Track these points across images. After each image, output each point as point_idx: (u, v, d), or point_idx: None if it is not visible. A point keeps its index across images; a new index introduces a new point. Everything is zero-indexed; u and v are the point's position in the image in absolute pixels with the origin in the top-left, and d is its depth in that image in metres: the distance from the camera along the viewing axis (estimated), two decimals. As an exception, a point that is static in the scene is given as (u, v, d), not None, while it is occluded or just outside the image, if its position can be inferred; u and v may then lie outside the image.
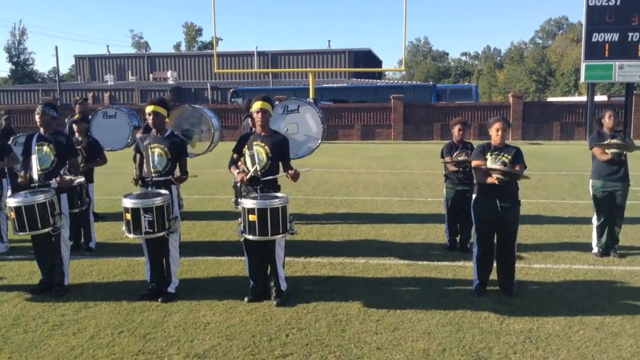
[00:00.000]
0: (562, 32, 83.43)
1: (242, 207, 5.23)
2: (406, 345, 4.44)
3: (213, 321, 4.95)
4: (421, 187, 12.72)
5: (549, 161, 18.47)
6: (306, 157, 9.17)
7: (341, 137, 31.30)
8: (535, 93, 73.84)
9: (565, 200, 10.86)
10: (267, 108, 5.51)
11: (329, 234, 8.27)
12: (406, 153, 22.30)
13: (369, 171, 16.09)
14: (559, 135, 30.13)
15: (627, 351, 4.31)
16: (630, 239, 7.66)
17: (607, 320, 4.90)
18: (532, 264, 6.61)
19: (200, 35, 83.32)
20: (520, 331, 4.69)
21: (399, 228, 8.59)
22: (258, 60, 48.48)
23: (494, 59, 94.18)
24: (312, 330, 4.72)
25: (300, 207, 10.34)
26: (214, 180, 13.83)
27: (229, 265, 6.63)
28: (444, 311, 5.14)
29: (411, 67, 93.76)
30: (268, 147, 5.46)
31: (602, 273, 6.29)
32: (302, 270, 6.47)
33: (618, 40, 25.96)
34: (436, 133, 30.59)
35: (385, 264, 6.72)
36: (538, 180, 13.61)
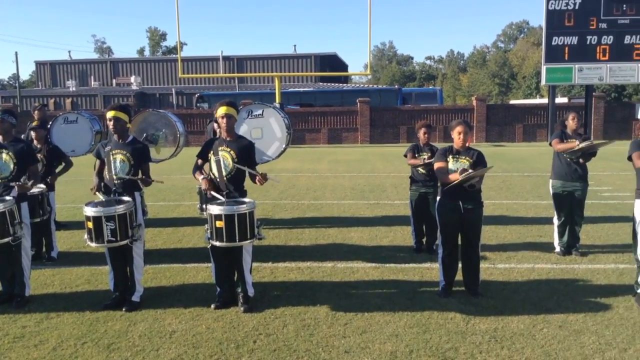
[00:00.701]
0: (523, 35, 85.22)
1: (209, 213, 5.17)
2: (374, 348, 4.45)
3: (179, 329, 4.88)
4: (388, 190, 12.81)
5: (512, 162, 18.81)
6: (272, 162, 9.15)
7: (308, 141, 31.33)
8: (498, 96, 75.17)
9: (528, 201, 11.07)
10: (232, 113, 5.48)
11: (297, 239, 8.25)
12: (373, 156, 22.44)
13: (336, 175, 16.14)
14: (522, 137, 30.74)
15: (590, 348, 4.40)
16: (591, 238, 7.84)
17: (570, 318, 5.00)
18: (497, 264, 6.71)
19: (164, 40, 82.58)
20: (486, 331, 4.75)
21: (366, 231, 8.63)
22: (224, 64, 48.20)
23: (458, 63, 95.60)
24: (280, 336, 4.70)
25: (268, 211, 10.30)
26: (180, 186, 13.67)
27: (195, 272, 6.55)
28: (411, 313, 5.17)
29: (377, 71, 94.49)
30: (234, 152, 5.43)
31: (564, 272, 6.42)
32: (270, 276, 6.43)
33: (577, 43, 26.64)
34: (402, 136, 30.88)
35: (352, 267, 6.73)
36: (501, 181, 13.85)
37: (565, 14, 26.41)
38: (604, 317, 5.01)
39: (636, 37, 26.43)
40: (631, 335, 4.60)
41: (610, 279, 6.12)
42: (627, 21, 26.31)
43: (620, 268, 6.46)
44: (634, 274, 5.57)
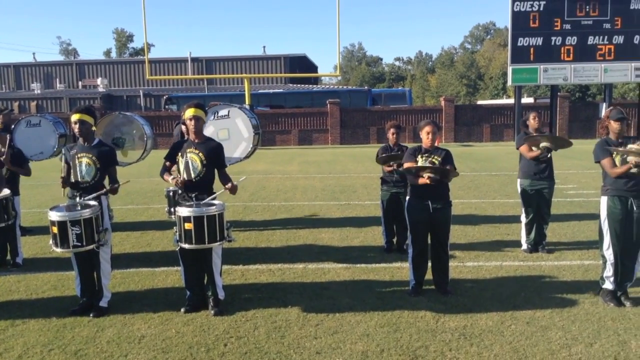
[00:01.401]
0: (490, 37, 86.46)
1: (178, 215, 5.12)
2: (345, 348, 4.45)
3: (148, 334, 4.81)
4: (359, 191, 12.85)
5: (480, 162, 19.06)
6: (241, 163, 9.11)
7: (279, 142, 31.27)
8: (466, 96, 76.13)
9: (496, 200, 11.23)
10: (200, 115, 5.43)
11: (268, 240, 8.22)
12: (343, 157, 22.50)
13: (307, 176, 16.13)
14: (489, 136, 31.18)
15: (557, 343, 4.48)
16: (557, 235, 7.99)
17: (537, 315, 5.08)
18: (466, 262, 6.78)
19: (131, 41, 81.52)
20: (455, 328, 4.79)
21: (337, 232, 8.64)
22: (192, 66, 47.79)
23: (426, 64, 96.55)
24: (251, 339, 4.67)
25: (238, 213, 10.24)
26: (148, 189, 13.50)
27: (165, 276, 6.48)
28: (382, 312, 5.20)
29: (346, 73, 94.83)
30: (202, 154, 5.38)
31: (531, 269, 6.53)
32: (241, 278, 6.39)
33: (542, 44, 27.14)
34: (372, 137, 31.04)
35: (324, 268, 6.73)
36: (470, 180, 14.02)
37: (530, 15, 26.89)
38: (570, 312, 5.11)
39: (599, 38, 27.06)
40: (597, 330, 4.70)
41: (576, 275, 6.24)
42: (590, 22, 26.91)
43: (585, 264, 6.59)
44: (599, 270, 5.69)
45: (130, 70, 50.95)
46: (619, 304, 5.24)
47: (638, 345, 4.39)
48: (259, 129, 8.88)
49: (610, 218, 5.29)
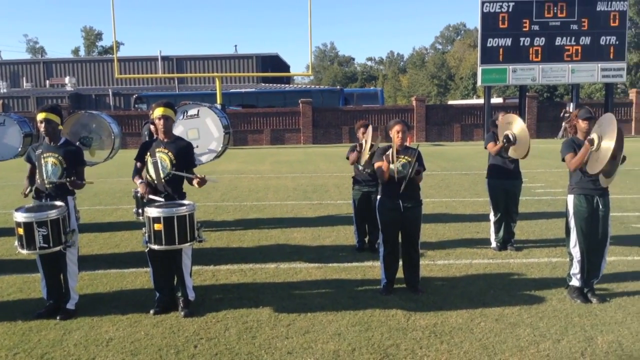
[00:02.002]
0: (460, 37, 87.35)
1: (147, 215, 5.04)
2: (317, 348, 4.45)
3: (116, 337, 4.73)
4: (331, 190, 12.87)
5: (451, 161, 19.25)
6: (212, 163, 9.03)
7: (251, 142, 31.14)
8: (437, 96, 76.83)
9: (466, 198, 11.35)
10: (169, 114, 5.36)
11: (239, 240, 8.17)
12: (316, 157, 22.51)
13: (279, 176, 16.09)
14: (460, 136, 31.54)
15: (525, 340, 4.54)
16: (526, 233, 8.11)
17: (506, 312, 5.14)
18: (436, 261, 6.84)
19: (100, 39, 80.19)
20: (426, 326, 4.82)
21: (309, 231, 8.63)
22: (162, 65, 47.25)
23: (398, 64, 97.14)
24: (221, 340, 4.63)
25: (210, 214, 10.16)
26: (117, 189, 13.30)
27: (134, 278, 6.38)
28: (354, 311, 5.20)
29: (319, 72, 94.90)
30: (172, 153, 5.31)
31: (500, 266, 6.61)
32: (212, 279, 6.34)
33: (511, 45, 27.56)
34: (345, 136, 31.11)
35: (295, 267, 6.72)
36: (440, 179, 14.15)
37: (499, 16, 27.28)
38: (538, 309, 5.18)
39: (567, 39, 27.59)
40: (564, 327, 4.77)
41: (543, 272, 6.34)
42: (558, 23, 27.43)
43: (553, 262, 6.70)
44: (566, 267, 5.79)
45: (99, 69, 50.12)
46: (586, 301, 5.34)
47: (604, 341, 4.48)
48: (229, 128, 8.80)
49: (577, 216, 5.39)
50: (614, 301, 5.33)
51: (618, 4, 27.49)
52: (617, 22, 27.59)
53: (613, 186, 5.86)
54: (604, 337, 4.54)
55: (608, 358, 4.19)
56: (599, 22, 27.49)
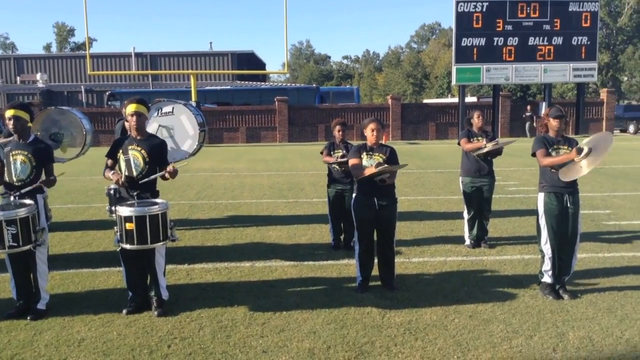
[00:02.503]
0: (435, 37, 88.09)
1: (118, 215, 4.97)
2: (292, 346, 4.43)
3: (88, 337, 4.66)
4: (306, 188, 12.86)
5: (426, 160, 19.39)
6: (187, 161, 8.94)
7: (226, 140, 30.96)
8: (413, 95, 77.33)
9: (441, 196, 11.44)
10: (142, 111, 5.29)
11: (214, 239, 8.11)
12: (291, 155, 22.47)
13: (255, 174, 16.03)
14: (435, 134, 31.76)
15: (498, 336, 4.59)
16: (499, 231, 8.20)
17: (479, 308, 5.19)
18: (411, 258, 6.88)
19: (72, 35, 78.99)
20: (401, 323, 4.85)
21: (284, 230, 8.61)
22: (136, 61, 46.67)
23: (374, 63, 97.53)
24: (195, 339, 4.59)
25: (184, 212, 10.07)
26: (89, 187, 13.10)
27: (106, 277, 6.29)
28: (329, 309, 5.20)
29: (295, 70, 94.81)
30: (145, 151, 5.24)
31: (474, 263, 6.67)
32: (186, 278, 6.28)
33: (485, 44, 27.85)
34: (320, 134, 31.12)
35: (271, 266, 6.69)
36: (416, 178, 14.23)
37: (473, 16, 27.54)
38: (511, 306, 5.24)
39: (539, 39, 27.98)
40: (536, 323, 4.84)
41: (516, 269, 6.41)
42: (531, 23, 27.80)
43: (525, 258, 6.79)
44: (538, 264, 5.86)
45: (71, 66, 49.32)
46: (558, 297, 5.42)
47: (575, 336, 4.55)
48: (204, 126, 8.72)
49: (547, 214, 5.46)
50: (585, 297, 5.42)
51: (589, 5, 27.97)
52: (589, 23, 28.08)
53: (584, 184, 5.96)
54: (575, 333, 4.61)
55: (579, 354, 4.26)
56: (571, 23, 27.94)
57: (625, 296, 5.43)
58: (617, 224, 8.64)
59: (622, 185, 12.45)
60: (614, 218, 9.04)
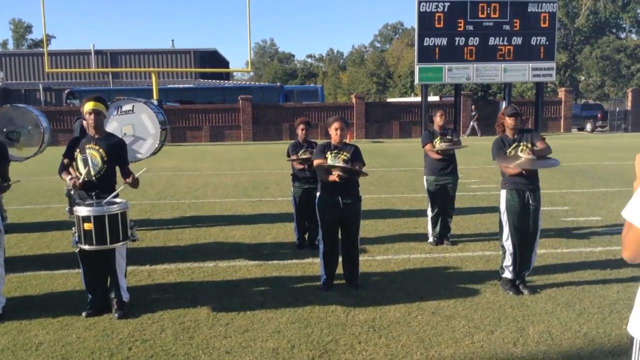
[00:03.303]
0: (398, 36, 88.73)
1: (76, 215, 4.85)
2: (256, 346, 4.40)
3: (46, 341, 4.54)
4: (271, 187, 12.80)
5: (390, 158, 19.53)
6: (149, 160, 8.81)
7: (189, 139, 30.63)
8: (376, 94, 77.77)
9: (405, 195, 11.53)
10: (100, 109, 5.18)
11: (177, 239, 8.00)
12: (256, 153, 22.37)
13: (218, 173, 15.89)
14: (399, 133, 32.05)
15: (460, 332, 4.64)
16: (461, 228, 8.31)
17: (442, 305, 5.25)
18: (375, 256, 6.91)
19: (30, 32, 76.83)
20: (365, 321, 4.86)
21: (249, 229, 8.55)
22: (96, 59, 45.72)
23: (338, 62, 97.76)
24: (157, 341, 4.51)
25: (146, 212, 9.91)
26: (47, 188, 12.77)
27: (65, 279, 6.14)
28: (294, 308, 5.19)
29: (258, 69, 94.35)
30: (103, 150, 5.13)
31: (437, 260, 6.75)
32: (147, 279, 6.17)
33: (447, 44, 28.19)
34: (285, 133, 31.06)
35: (235, 265, 6.64)
36: (380, 176, 14.32)
37: (435, 16, 27.85)
38: (473, 301, 5.32)
39: (499, 39, 28.46)
40: (497, 318, 4.91)
41: (478, 265, 6.51)
42: (491, 24, 28.26)
43: (487, 255, 6.90)
44: (499, 260, 5.95)
45: (28, 63, 47.94)
46: (518, 292, 5.52)
47: (535, 331, 4.63)
48: (166, 124, 8.60)
49: (509, 210, 5.56)
50: (544, 292, 5.53)
51: (548, 6, 28.59)
52: (547, 24, 28.71)
53: (544, 181, 6.09)
54: (535, 328, 4.70)
55: (539, 348, 4.34)
56: (530, 23, 28.52)
57: (583, 291, 5.57)
58: (575, 220, 8.86)
59: (580, 183, 12.77)
60: (572, 214, 9.27)
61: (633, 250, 1.95)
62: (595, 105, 40.19)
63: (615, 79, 52.64)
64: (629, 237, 1.95)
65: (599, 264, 6.46)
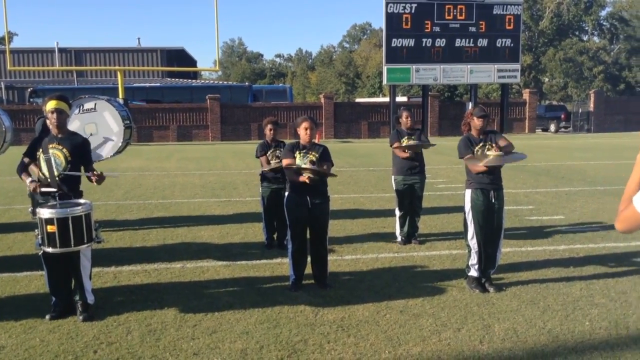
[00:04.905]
0: (367, 37, 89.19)
1: (39, 217, 4.74)
2: (224, 348, 4.37)
3: (9, 344, 4.43)
4: (239, 187, 12.74)
5: (358, 158, 19.62)
6: (114, 159, 8.68)
7: (156, 138, 30.26)
8: (345, 94, 78.08)
9: (373, 194, 11.60)
10: (63, 108, 5.07)
11: (143, 240, 7.90)
12: (224, 153, 22.22)
13: (186, 173, 15.74)
14: (367, 133, 32.25)
15: (428, 330, 4.69)
16: (428, 227, 8.40)
17: (410, 303, 5.29)
18: (344, 256, 6.93)
19: (-10, 28, 74.82)
20: (334, 321, 4.87)
21: (217, 229, 8.49)
22: (60, 57, 44.76)
23: (306, 61, 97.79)
24: (123, 344, 4.44)
25: (111, 213, 9.75)
26: (10, 188, 12.48)
27: (28, 282, 5.99)
28: (262, 309, 5.16)
29: (227, 68, 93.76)
30: (67, 149, 5.03)
31: (405, 259, 6.80)
32: (113, 281, 6.07)
33: (414, 45, 28.46)
34: (253, 133, 30.96)
35: (203, 266, 6.58)
36: (349, 176, 14.38)
37: (402, 17, 28.09)
38: (440, 300, 5.38)
39: (465, 41, 28.86)
40: (464, 316, 4.98)
41: (444, 264, 6.59)
42: (458, 25, 28.65)
43: (453, 254, 6.98)
44: (465, 258, 6.03)
45: (-11, 60, 46.74)
46: (484, 290, 5.60)
47: (501, 328, 4.71)
48: (130, 120, 8.45)
49: (474, 209, 5.64)
50: (509, 290, 5.63)
51: (513, 8, 29.12)
52: (512, 26, 29.23)
53: (508, 181, 6.20)
54: (500, 325, 4.77)
55: (504, 344, 4.41)
56: (496, 25, 29.00)
57: (547, 288, 5.68)
58: (539, 219, 9.03)
59: (544, 182, 13.03)
60: (536, 213, 9.45)
61: (627, 225, 2.25)
62: (559, 107, 41.08)
63: (577, 80, 53.86)
64: (627, 215, 2.23)
65: (563, 262, 6.61)
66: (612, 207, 9.85)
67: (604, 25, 55.75)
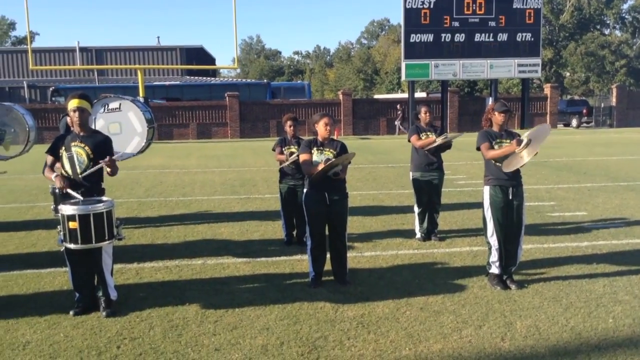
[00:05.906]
0: (385, 33, 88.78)
1: (62, 213, 4.82)
2: (245, 343, 4.40)
3: (34, 340, 4.50)
4: (259, 184, 12.79)
5: (377, 154, 19.57)
6: (136, 158, 8.76)
7: (176, 136, 30.50)
8: (363, 91, 77.81)
9: (392, 191, 11.57)
10: (85, 106, 5.13)
11: (164, 237, 7.97)
12: (243, 150, 22.31)
13: (206, 170, 15.84)
14: (386, 130, 32.14)
15: (448, 327, 4.67)
16: (448, 223, 8.36)
17: (430, 300, 5.27)
18: (363, 252, 6.93)
19: (13, 29, 75.94)
20: (354, 317, 4.87)
21: (237, 226, 8.54)
22: (80, 56, 45.30)
23: (325, 58, 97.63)
24: (145, 339, 4.50)
25: (133, 210, 9.85)
26: (33, 186, 12.67)
27: (52, 278, 6.09)
28: (282, 305, 5.19)
29: (245, 66, 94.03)
30: (89, 147, 5.09)
31: (425, 256, 6.78)
32: (135, 277, 6.14)
33: (433, 40, 28.29)
34: (272, 130, 31.04)
35: (223, 263, 6.63)
36: (367, 172, 14.35)
37: (421, 13, 27.93)
38: (461, 297, 5.35)
39: (485, 35, 28.60)
40: (485, 313, 4.95)
41: (465, 261, 6.55)
42: (477, 20, 28.40)
43: (474, 250, 6.94)
44: (486, 255, 5.99)
45: (12, 61, 47.35)
46: (505, 287, 5.56)
47: (523, 325, 4.67)
48: (153, 122, 8.54)
49: (492, 207, 5.60)
50: (531, 287, 5.58)
51: (533, 2, 28.78)
52: (532, 20, 28.89)
53: (529, 177, 6.13)
54: (522, 322, 4.74)
55: (526, 342, 4.38)
56: (516, 19, 28.69)
57: (570, 285, 5.62)
58: (561, 215, 8.93)
59: (566, 178, 12.88)
60: (558, 209, 9.35)
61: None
62: (581, 101, 40.50)
63: (599, 75, 53.01)
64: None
65: (585, 258, 6.53)
66: (635, 202, 9.72)
67: (626, 19, 54.75)
